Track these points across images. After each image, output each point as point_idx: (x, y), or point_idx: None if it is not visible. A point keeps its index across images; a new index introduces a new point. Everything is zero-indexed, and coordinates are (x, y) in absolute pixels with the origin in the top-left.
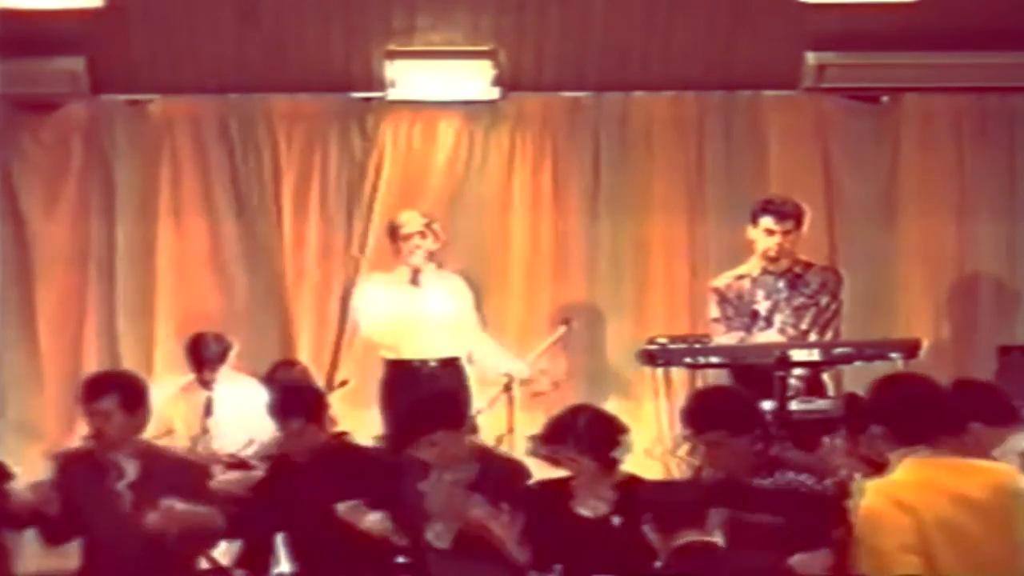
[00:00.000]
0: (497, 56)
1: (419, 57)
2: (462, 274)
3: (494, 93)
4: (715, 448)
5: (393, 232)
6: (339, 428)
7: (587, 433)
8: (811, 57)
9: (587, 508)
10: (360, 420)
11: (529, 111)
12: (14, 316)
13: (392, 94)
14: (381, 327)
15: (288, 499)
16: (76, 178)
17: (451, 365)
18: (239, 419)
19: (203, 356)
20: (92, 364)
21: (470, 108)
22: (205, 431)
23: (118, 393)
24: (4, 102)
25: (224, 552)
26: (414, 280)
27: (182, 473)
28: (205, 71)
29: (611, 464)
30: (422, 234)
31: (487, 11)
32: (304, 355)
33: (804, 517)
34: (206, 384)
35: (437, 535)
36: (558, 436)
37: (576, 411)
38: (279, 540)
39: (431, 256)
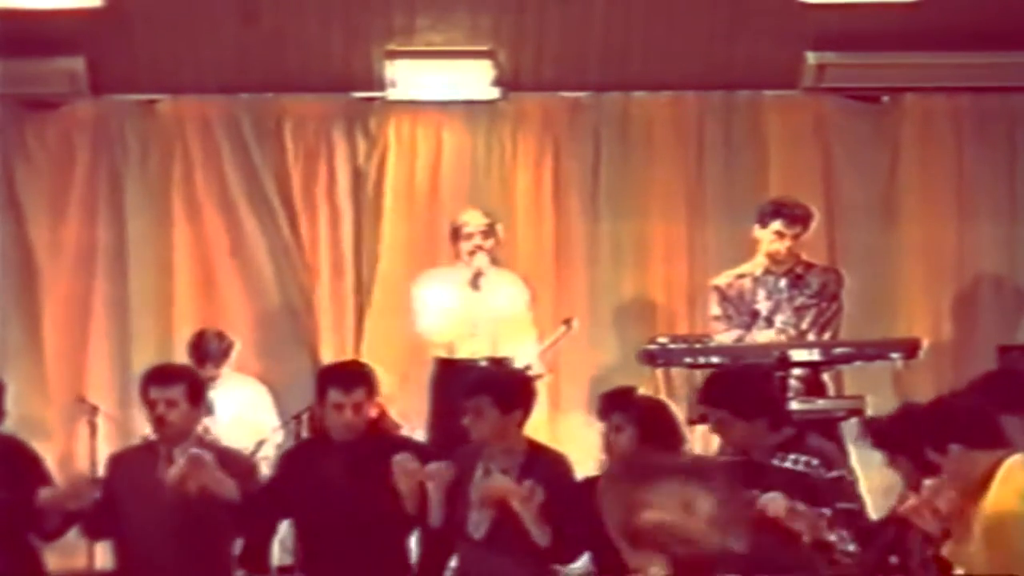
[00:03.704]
0: (497, 56)
1: (419, 57)
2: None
3: (494, 93)
4: (722, 426)
5: (455, 232)
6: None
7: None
8: (811, 57)
9: None
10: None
11: (529, 111)
12: (17, 316)
13: (392, 94)
14: (439, 327)
15: (316, 477)
16: (82, 177)
17: (501, 365)
18: (240, 419)
19: (204, 352)
20: (100, 365)
21: (470, 108)
22: (206, 431)
23: (187, 383)
24: (6, 100)
25: None
26: (474, 283)
27: (232, 466)
28: (205, 71)
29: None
30: (484, 234)
31: (487, 11)
32: (326, 352)
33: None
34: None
35: (475, 525)
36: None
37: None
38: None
39: (492, 257)
